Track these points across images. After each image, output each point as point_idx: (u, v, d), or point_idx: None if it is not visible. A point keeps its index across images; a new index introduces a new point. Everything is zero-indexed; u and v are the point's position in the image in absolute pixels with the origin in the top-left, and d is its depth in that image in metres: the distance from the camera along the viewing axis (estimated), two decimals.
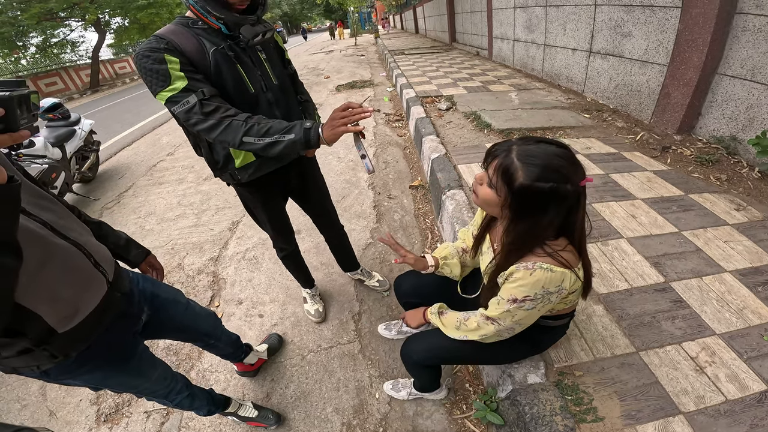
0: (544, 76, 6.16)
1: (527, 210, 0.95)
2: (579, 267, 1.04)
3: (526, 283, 1.00)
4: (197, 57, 1.20)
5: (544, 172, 0.89)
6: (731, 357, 1.45)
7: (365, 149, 1.25)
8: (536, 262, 0.98)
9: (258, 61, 1.36)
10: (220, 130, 1.18)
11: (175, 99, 1.16)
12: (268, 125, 1.18)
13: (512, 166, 0.92)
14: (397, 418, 1.70)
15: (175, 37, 1.19)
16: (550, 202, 0.92)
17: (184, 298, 1.46)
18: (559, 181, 0.89)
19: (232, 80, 1.28)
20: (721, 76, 3.08)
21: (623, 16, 4.01)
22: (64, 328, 0.89)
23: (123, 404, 1.89)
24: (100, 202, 4.19)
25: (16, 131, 0.63)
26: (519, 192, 0.92)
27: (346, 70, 10.87)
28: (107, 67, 20.08)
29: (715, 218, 2.25)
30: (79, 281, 0.93)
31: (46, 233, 0.85)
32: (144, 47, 1.15)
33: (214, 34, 1.25)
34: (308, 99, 1.71)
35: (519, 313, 1.07)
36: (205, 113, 1.17)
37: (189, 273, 2.77)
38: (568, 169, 0.90)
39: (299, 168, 1.70)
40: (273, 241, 1.97)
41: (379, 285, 2.41)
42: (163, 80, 1.14)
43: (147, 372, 1.22)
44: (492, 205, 1.02)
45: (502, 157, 0.95)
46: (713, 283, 1.79)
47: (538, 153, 0.91)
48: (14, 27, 14.68)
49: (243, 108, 1.27)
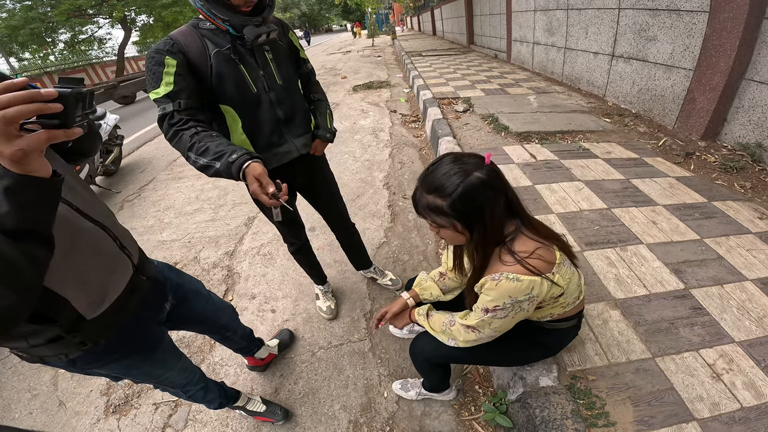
0: (564, 79, 6.09)
1: (472, 216, 0.99)
2: (554, 272, 1.04)
3: (494, 294, 1.03)
4: (198, 59, 1.27)
5: (447, 183, 0.96)
6: (749, 365, 1.43)
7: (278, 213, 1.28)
8: (503, 273, 1.01)
9: (263, 61, 1.40)
10: (175, 141, 1.24)
11: (158, 102, 1.23)
12: (206, 145, 1.18)
13: (430, 202, 1.01)
14: (404, 417, 1.69)
15: (183, 38, 1.26)
16: (478, 196, 0.96)
17: (205, 290, 1.48)
18: (464, 177, 0.95)
19: (233, 81, 1.33)
20: (748, 82, 3.00)
21: (648, 20, 3.93)
22: (93, 314, 0.89)
23: (133, 395, 1.91)
24: (121, 195, 4.29)
25: (69, 128, 0.64)
26: (454, 211, 0.98)
27: (363, 71, 10.90)
28: (132, 64, 20.53)
29: (738, 226, 2.19)
30: (105, 264, 0.94)
31: (73, 216, 0.86)
32: (154, 47, 1.24)
33: (221, 36, 1.30)
34: (321, 98, 1.74)
35: (494, 322, 1.10)
36: (170, 123, 1.23)
37: (204, 266, 2.81)
38: (460, 166, 0.97)
39: (305, 165, 1.69)
40: (283, 236, 1.98)
41: (391, 284, 2.40)
42: (154, 82, 1.23)
43: (171, 361, 1.23)
44: (456, 237, 1.07)
45: (420, 203, 1.05)
46: (734, 291, 1.75)
47: (432, 177, 1.01)
48: (44, 23, 15.13)
49: (246, 107, 1.36)
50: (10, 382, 2.04)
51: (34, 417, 1.85)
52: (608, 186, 2.72)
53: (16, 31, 14.48)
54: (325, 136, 1.67)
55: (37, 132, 0.61)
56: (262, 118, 1.44)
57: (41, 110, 0.59)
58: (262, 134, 1.46)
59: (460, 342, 1.22)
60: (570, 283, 1.09)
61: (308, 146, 1.63)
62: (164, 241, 3.19)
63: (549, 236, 1.09)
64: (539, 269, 1.00)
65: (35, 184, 0.63)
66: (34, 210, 0.63)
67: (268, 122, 1.45)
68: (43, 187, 0.64)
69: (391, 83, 8.74)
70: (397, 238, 2.91)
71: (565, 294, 1.10)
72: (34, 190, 0.63)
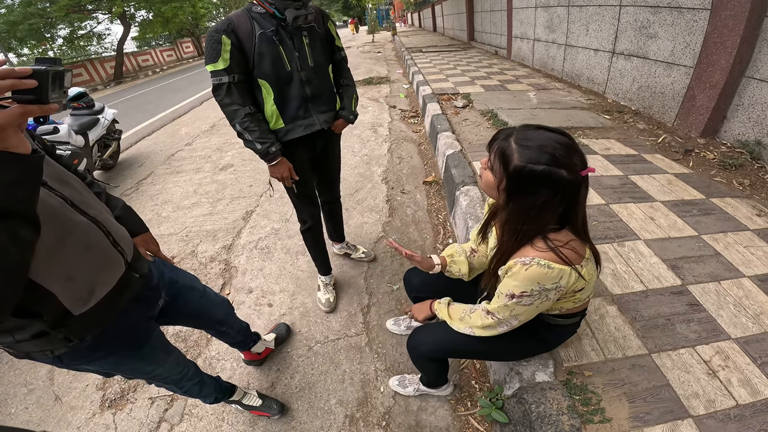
0: (564, 76, 6.07)
1: (521, 192, 0.96)
2: (582, 265, 1.01)
3: (522, 279, 1.00)
4: (246, 38, 1.49)
5: (538, 154, 0.91)
6: (745, 362, 1.42)
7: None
8: (534, 258, 0.97)
9: (300, 44, 1.60)
10: (229, 110, 1.56)
11: (215, 73, 1.50)
12: (255, 127, 1.59)
13: (509, 148, 0.95)
14: (400, 412, 1.69)
15: (237, 19, 1.50)
16: (543, 185, 0.92)
17: (200, 285, 1.47)
18: (551, 164, 0.90)
19: (271, 58, 1.54)
20: (748, 80, 2.99)
21: (649, 17, 3.91)
22: (80, 310, 0.88)
23: (128, 390, 1.90)
24: (119, 189, 4.27)
25: (45, 104, 0.65)
26: (513, 173, 0.94)
27: (363, 67, 10.86)
28: (131, 60, 20.48)
29: (735, 223, 2.19)
30: (96, 259, 0.92)
31: (66, 209, 0.85)
32: (216, 25, 1.49)
33: (268, 19, 1.52)
34: (349, 84, 1.92)
35: (516, 309, 1.07)
36: (228, 93, 1.53)
37: (202, 260, 2.81)
38: (564, 155, 0.90)
39: (324, 138, 1.88)
40: (297, 211, 2.07)
41: (365, 256, 2.61)
42: (213, 57, 1.48)
43: (161, 357, 1.22)
44: (491, 187, 1.03)
45: (501, 140, 0.99)
46: (731, 288, 1.74)
47: (534, 137, 0.94)
48: (43, 19, 15.07)
49: (279, 82, 1.59)
50: (6, 377, 2.03)
51: (29, 412, 1.84)
52: (607, 182, 2.71)
53: (14, 26, 14.45)
54: (348, 117, 1.89)
55: (12, 107, 0.62)
56: (291, 93, 1.64)
57: (15, 86, 0.61)
58: (290, 107, 1.67)
59: (477, 330, 1.20)
60: (591, 280, 1.07)
61: (329, 123, 1.82)
62: (162, 235, 3.18)
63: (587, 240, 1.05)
64: (570, 259, 0.98)
65: (15, 160, 0.63)
66: (16, 189, 0.63)
67: (296, 97, 1.65)
68: (24, 163, 0.64)
69: (390, 79, 8.72)
70: (395, 233, 2.91)
71: (584, 289, 1.08)
72: (15, 166, 0.63)
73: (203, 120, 6.91)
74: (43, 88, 0.65)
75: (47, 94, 0.65)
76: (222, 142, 5.38)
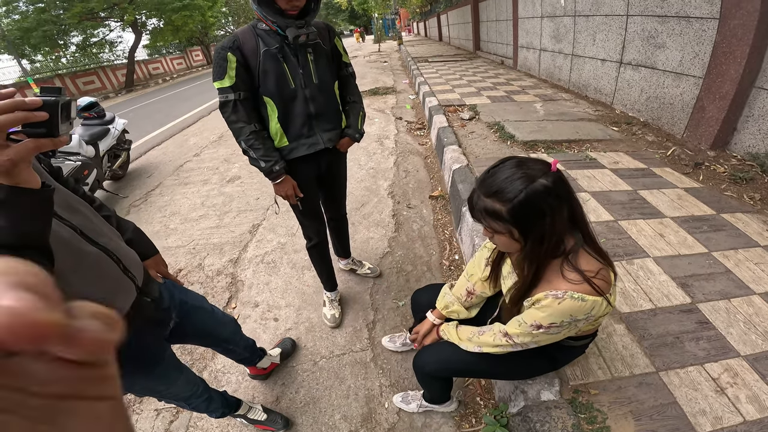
0: (570, 86, 6.06)
1: (531, 222, 0.95)
2: (611, 293, 1.00)
3: (553, 312, 0.98)
4: (251, 55, 1.50)
5: (510, 187, 0.93)
6: (754, 378, 1.41)
7: None
8: (567, 291, 0.96)
9: (304, 61, 1.58)
10: (235, 127, 1.56)
11: (221, 90, 1.51)
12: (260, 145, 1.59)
13: (489, 205, 0.97)
14: (405, 429, 1.68)
15: (242, 36, 1.50)
16: (540, 203, 0.92)
17: (208, 305, 1.49)
18: (528, 183, 0.91)
19: (275, 76, 1.54)
20: (759, 90, 2.96)
21: (657, 26, 3.91)
22: None
23: (134, 401, 1.91)
24: (128, 200, 4.33)
25: (56, 137, 0.64)
26: (513, 216, 0.94)
27: (369, 76, 10.93)
28: (142, 68, 20.84)
29: (746, 239, 2.16)
30: (107, 288, 0.93)
31: (76, 239, 0.85)
32: (222, 42, 1.49)
33: (272, 36, 1.51)
34: (356, 101, 1.89)
35: (541, 337, 1.06)
36: (234, 110, 1.54)
37: (208, 273, 2.82)
38: (526, 172, 0.93)
39: (329, 157, 1.85)
40: (303, 228, 2.08)
41: (370, 272, 2.60)
42: (220, 74, 1.49)
43: (173, 376, 1.23)
44: (510, 243, 1.03)
45: (477, 207, 1.01)
46: (741, 305, 1.72)
47: (494, 180, 0.97)
48: (56, 26, 15.35)
49: (283, 99, 1.59)
50: None
51: None
52: (615, 197, 2.69)
53: (28, 33, 14.69)
54: (353, 135, 1.86)
55: (24, 141, 0.61)
56: (296, 111, 1.64)
57: (27, 119, 0.59)
58: (294, 125, 1.66)
59: (486, 348, 1.19)
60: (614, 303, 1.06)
61: (333, 141, 1.80)
62: (169, 248, 3.20)
63: (604, 255, 1.04)
64: (602, 290, 0.97)
65: (27, 195, 0.63)
66: (29, 224, 0.63)
67: (300, 115, 1.64)
68: (36, 197, 0.64)
69: (396, 89, 8.76)
70: (401, 248, 2.90)
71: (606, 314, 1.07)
72: (27, 201, 0.63)
73: (211, 130, 6.98)
74: (54, 121, 0.63)
75: (57, 126, 0.64)
76: (229, 153, 5.43)
